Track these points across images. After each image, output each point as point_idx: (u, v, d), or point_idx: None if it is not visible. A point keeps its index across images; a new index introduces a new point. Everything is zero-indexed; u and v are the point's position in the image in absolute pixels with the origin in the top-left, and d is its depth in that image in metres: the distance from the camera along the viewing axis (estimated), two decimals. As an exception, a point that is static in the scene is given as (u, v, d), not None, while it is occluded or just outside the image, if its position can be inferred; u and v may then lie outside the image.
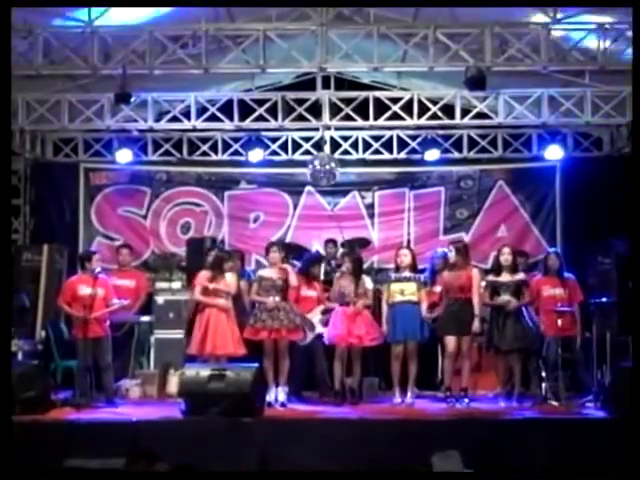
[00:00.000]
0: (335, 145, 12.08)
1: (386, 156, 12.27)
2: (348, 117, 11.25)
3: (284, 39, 9.40)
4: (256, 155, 11.76)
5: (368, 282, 9.56)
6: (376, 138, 12.18)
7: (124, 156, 11.77)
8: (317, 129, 11.74)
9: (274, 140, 12.19)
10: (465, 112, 11.10)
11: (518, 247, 11.09)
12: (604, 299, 9.36)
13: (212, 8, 9.48)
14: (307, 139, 12.13)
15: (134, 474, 6.46)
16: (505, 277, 9.26)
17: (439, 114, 11.13)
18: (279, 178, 12.64)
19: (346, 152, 12.20)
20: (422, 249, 11.34)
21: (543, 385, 9.19)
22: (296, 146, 12.22)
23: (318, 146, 11.91)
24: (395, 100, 11.14)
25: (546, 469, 7.19)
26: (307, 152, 12.07)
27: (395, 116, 11.12)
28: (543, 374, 9.22)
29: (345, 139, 12.17)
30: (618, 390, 8.03)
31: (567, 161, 12.06)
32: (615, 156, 11.89)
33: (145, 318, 10.58)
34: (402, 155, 12.23)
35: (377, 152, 12.26)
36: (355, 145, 12.22)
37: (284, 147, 12.24)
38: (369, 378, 9.84)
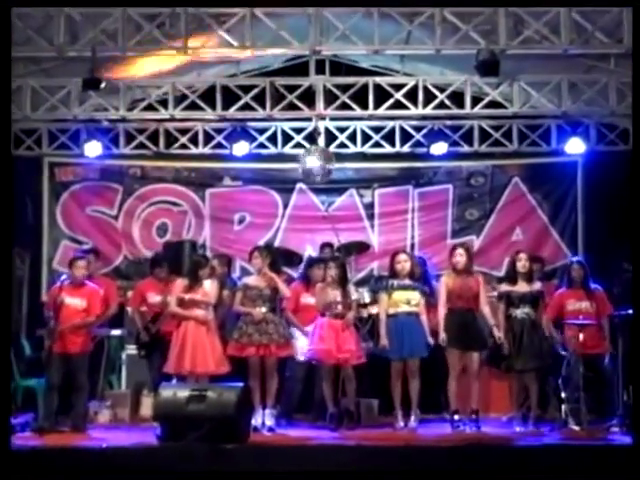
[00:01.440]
0: (330, 137, 12.07)
1: (387, 150, 12.26)
2: (345, 106, 11.25)
3: (273, 18, 9.37)
4: (241, 148, 11.76)
5: (354, 292, 9.52)
6: (376, 129, 12.18)
7: (93, 149, 11.75)
8: (310, 119, 11.72)
9: (262, 131, 12.18)
10: (476, 101, 11.12)
11: (535, 252, 11.14)
12: (630, 311, 9.32)
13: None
14: (299, 130, 12.12)
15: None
16: (522, 287, 9.22)
17: (447, 103, 11.14)
18: (267, 174, 12.65)
19: (343, 145, 12.20)
20: (427, 254, 11.30)
21: (563, 407, 9.17)
22: (286, 138, 12.21)
23: (311, 138, 11.89)
24: (398, 87, 11.14)
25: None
26: (299, 145, 12.07)
27: (398, 105, 11.13)
28: (563, 395, 9.20)
29: (342, 130, 12.17)
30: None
31: (590, 155, 12.08)
32: (643, 150, 11.91)
33: (115, 332, 10.56)
34: (405, 149, 12.24)
35: (377, 145, 12.25)
36: (353, 137, 12.21)
37: (273, 139, 12.22)
38: (366, 400, 9.82)
